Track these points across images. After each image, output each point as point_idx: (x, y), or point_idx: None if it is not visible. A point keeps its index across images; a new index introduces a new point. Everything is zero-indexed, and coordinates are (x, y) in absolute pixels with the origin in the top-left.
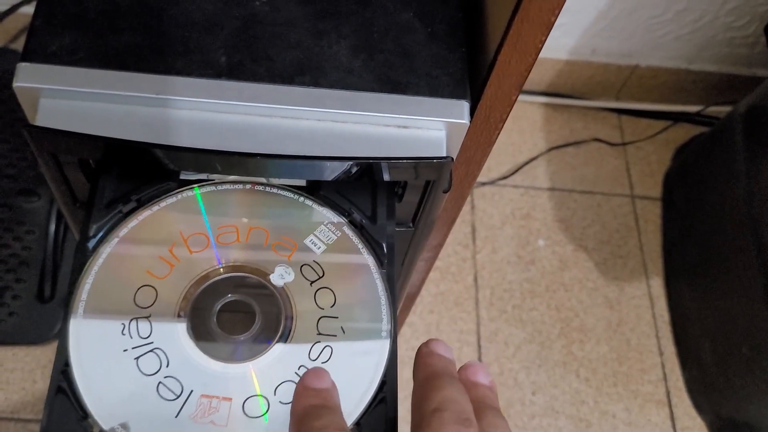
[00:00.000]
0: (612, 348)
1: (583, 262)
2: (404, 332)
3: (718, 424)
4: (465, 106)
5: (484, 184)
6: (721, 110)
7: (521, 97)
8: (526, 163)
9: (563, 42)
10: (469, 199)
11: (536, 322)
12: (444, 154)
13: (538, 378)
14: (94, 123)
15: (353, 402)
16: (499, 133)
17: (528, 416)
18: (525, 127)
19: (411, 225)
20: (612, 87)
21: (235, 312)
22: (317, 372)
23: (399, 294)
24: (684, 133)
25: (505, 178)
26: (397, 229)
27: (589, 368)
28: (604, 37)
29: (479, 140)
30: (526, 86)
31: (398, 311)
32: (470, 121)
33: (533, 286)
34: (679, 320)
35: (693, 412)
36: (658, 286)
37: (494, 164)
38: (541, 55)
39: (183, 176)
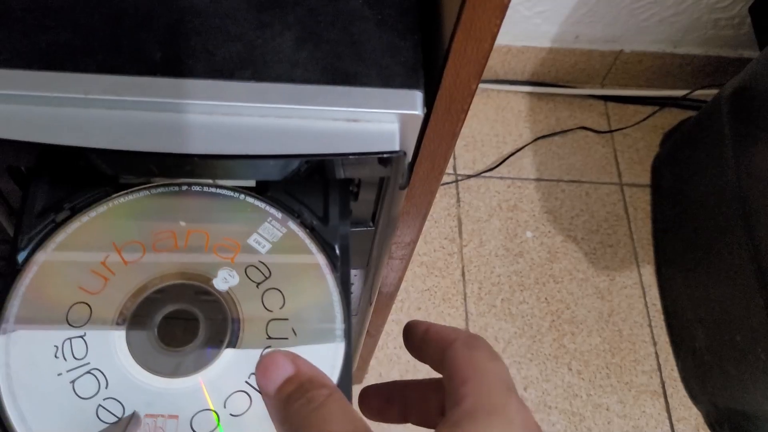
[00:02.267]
0: (604, 339)
1: (573, 252)
2: (391, 330)
3: (714, 414)
4: (418, 96)
5: (469, 176)
6: (708, 93)
7: (504, 87)
8: (512, 154)
9: (545, 29)
10: (454, 192)
11: (526, 315)
12: (397, 148)
13: (530, 373)
14: (20, 127)
15: None
16: (462, 125)
17: None
18: (509, 117)
19: (371, 224)
20: (597, 74)
21: (177, 323)
22: (274, 361)
23: (371, 294)
24: (671, 118)
25: (490, 169)
26: (356, 229)
27: (581, 361)
28: (587, 23)
29: (442, 133)
30: (509, 76)
31: (370, 311)
32: (425, 113)
33: (522, 279)
34: (671, 309)
35: (689, 402)
36: (649, 274)
37: (479, 156)
38: (524, 43)
39: (123, 180)
